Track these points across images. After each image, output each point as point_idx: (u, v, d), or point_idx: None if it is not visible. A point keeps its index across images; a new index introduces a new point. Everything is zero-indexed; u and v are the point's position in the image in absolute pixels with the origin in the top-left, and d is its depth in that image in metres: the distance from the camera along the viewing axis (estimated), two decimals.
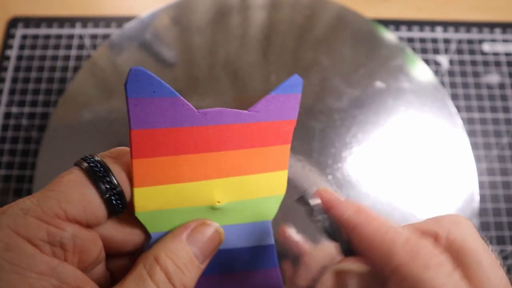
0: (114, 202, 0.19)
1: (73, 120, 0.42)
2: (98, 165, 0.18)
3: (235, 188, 0.22)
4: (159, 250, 0.19)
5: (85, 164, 0.18)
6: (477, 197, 0.39)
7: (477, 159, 0.44)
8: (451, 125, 0.42)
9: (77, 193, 0.18)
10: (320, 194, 0.20)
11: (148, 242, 0.20)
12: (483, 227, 0.42)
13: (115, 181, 0.18)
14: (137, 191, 0.19)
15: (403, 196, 0.39)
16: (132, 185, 0.19)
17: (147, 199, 0.20)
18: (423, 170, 0.40)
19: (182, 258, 0.19)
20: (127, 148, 0.20)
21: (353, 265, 0.20)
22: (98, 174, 0.18)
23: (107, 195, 0.18)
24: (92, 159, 0.19)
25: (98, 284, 0.18)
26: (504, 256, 0.41)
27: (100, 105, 0.42)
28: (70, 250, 0.18)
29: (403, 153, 0.41)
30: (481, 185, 0.43)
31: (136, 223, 0.20)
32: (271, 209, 0.23)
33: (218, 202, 0.21)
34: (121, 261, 0.21)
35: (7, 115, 0.46)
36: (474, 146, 0.44)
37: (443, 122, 0.42)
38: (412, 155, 0.41)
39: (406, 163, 0.40)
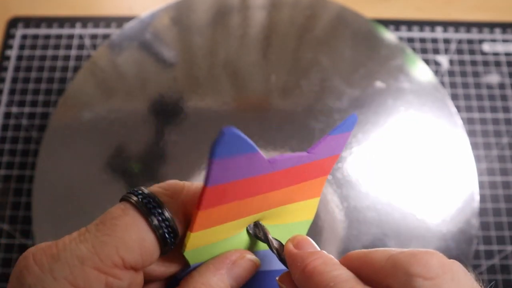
0: (168, 240, 0.18)
1: (73, 120, 0.42)
2: (151, 200, 0.18)
3: (271, 216, 0.22)
4: (200, 284, 0.19)
5: (135, 198, 0.18)
6: (477, 197, 0.39)
7: (477, 159, 0.44)
8: (451, 125, 0.42)
9: (135, 239, 0.17)
10: (286, 251, 0.20)
11: (185, 270, 0.20)
12: (483, 227, 0.42)
13: (167, 214, 0.18)
14: (193, 235, 0.19)
15: (403, 196, 0.39)
16: (189, 230, 0.19)
17: (199, 240, 0.20)
18: (423, 170, 0.40)
19: None
20: (180, 183, 0.19)
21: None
22: (150, 209, 0.17)
23: (161, 231, 0.18)
24: (142, 193, 0.18)
25: None
26: (504, 256, 0.41)
27: (100, 105, 0.42)
28: None
29: (403, 153, 0.41)
30: (481, 185, 0.43)
31: (177, 255, 0.20)
32: (300, 233, 0.23)
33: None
34: (152, 286, 0.21)
35: (7, 115, 0.46)
36: (474, 146, 0.44)
37: (443, 122, 0.42)
38: (412, 155, 0.41)
39: (406, 163, 0.40)
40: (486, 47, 0.49)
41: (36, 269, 0.15)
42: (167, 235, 0.18)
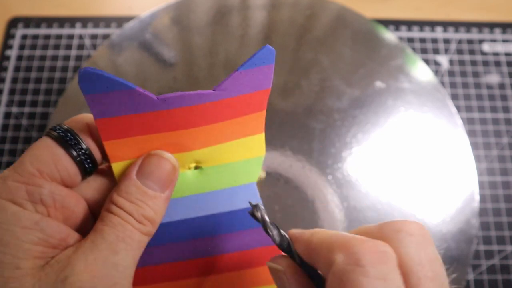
0: (86, 165, 0.20)
1: None
2: (68, 133, 0.20)
3: (212, 155, 0.22)
4: (112, 192, 0.20)
5: (54, 133, 0.20)
6: (477, 197, 0.39)
7: (477, 159, 0.44)
8: (451, 125, 0.42)
9: (46, 153, 0.19)
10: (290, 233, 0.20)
11: None
12: (483, 227, 0.42)
13: (84, 145, 0.20)
14: (114, 166, 0.21)
15: (403, 196, 0.39)
16: (109, 162, 0.21)
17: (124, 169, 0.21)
18: (423, 170, 0.40)
19: (134, 194, 0.20)
20: (89, 114, 0.21)
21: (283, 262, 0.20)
22: (67, 141, 0.20)
23: (79, 159, 0.20)
24: (60, 128, 0.20)
25: None
26: (504, 256, 0.41)
27: None
28: (51, 205, 0.19)
29: (403, 153, 0.41)
30: (481, 185, 0.43)
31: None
32: (253, 171, 0.23)
33: (196, 166, 0.22)
34: None
35: (7, 115, 0.46)
36: (474, 146, 0.44)
37: (443, 122, 0.42)
38: (412, 155, 0.41)
39: (406, 163, 0.40)
40: (486, 47, 0.49)
41: None
42: (84, 162, 0.20)
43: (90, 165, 0.20)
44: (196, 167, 0.22)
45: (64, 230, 0.19)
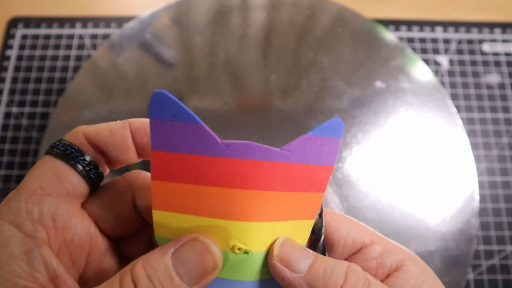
0: (92, 175, 0.20)
1: (73, 120, 0.42)
2: (69, 148, 0.19)
3: (261, 236, 0.19)
4: (140, 259, 0.18)
5: (56, 150, 0.19)
6: (477, 197, 0.39)
7: (477, 159, 0.44)
8: (451, 125, 0.42)
9: (47, 168, 0.19)
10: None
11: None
12: (483, 227, 0.42)
13: (87, 157, 0.20)
14: (156, 214, 0.19)
15: (403, 196, 0.39)
16: (151, 207, 0.19)
17: (165, 225, 0.19)
18: (423, 170, 0.40)
19: (159, 273, 0.17)
20: (85, 126, 0.21)
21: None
22: (69, 155, 0.19)
23: (84, 172, 0.19)
24: (60, 144, 0.20)
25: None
26: (504, 256, 0.41)
27: (100, 105, 0.42)
28: (50, 225, 0.18)
29: (403, 153, 0.41)
30: (481, 185, 0.43)
31: (132, 217, 0.21)
32: None
33: (239, 249, 0.19)
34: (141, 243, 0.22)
35: (7, 115, 0.46)
36: (474, 146, 0.44)
37: (443, 122, 0.42)
38: (412, 155, 0.41)
39: (406, 163, 0.40)
40: (486, 47, 0.49)
41: None
42: (91, 173, 0.19)
43: (96, 176, 0.20)
44: (245, 252, 0.19)
45: (53, 266, 0.17)
